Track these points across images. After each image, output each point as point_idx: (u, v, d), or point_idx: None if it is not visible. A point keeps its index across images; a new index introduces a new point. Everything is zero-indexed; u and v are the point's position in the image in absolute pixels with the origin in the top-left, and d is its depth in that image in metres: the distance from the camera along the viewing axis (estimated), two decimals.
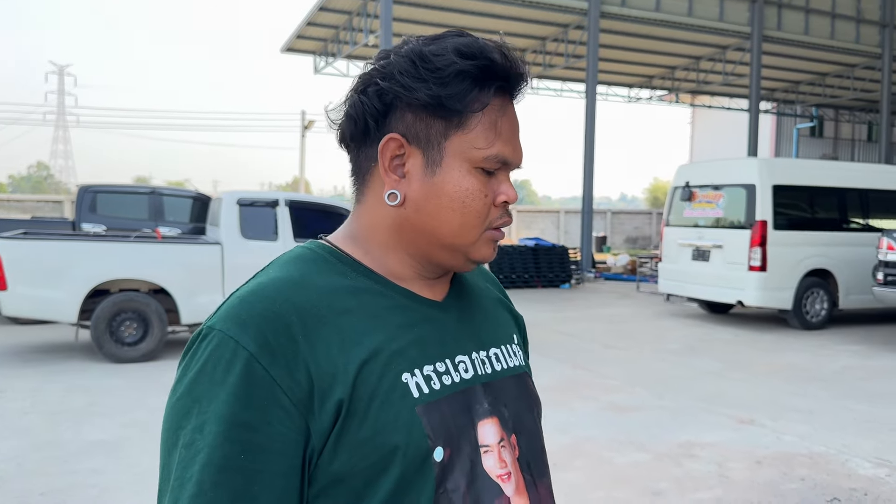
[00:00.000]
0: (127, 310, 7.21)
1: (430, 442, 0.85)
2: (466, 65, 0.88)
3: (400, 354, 0.88)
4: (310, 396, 0.81)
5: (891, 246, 8.78)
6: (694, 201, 11.06)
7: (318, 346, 0.83)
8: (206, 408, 0.80)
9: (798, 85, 26.40)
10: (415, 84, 0.88)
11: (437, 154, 0.90)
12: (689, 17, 18.58)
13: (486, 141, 0.90)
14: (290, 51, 22.44)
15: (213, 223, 8.35)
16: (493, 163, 0.91)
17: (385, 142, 0.90)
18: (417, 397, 0.86)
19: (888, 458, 4.82)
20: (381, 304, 0.91)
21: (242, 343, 0.81)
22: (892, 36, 21.20)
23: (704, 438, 5.15)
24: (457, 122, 0.89)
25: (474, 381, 0.94)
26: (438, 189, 0.90)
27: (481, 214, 0.91)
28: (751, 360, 8.10)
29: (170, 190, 12.27)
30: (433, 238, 0.92)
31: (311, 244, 0.97)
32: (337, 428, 0.82)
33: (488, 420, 0.93)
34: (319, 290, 0.88)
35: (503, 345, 1.03)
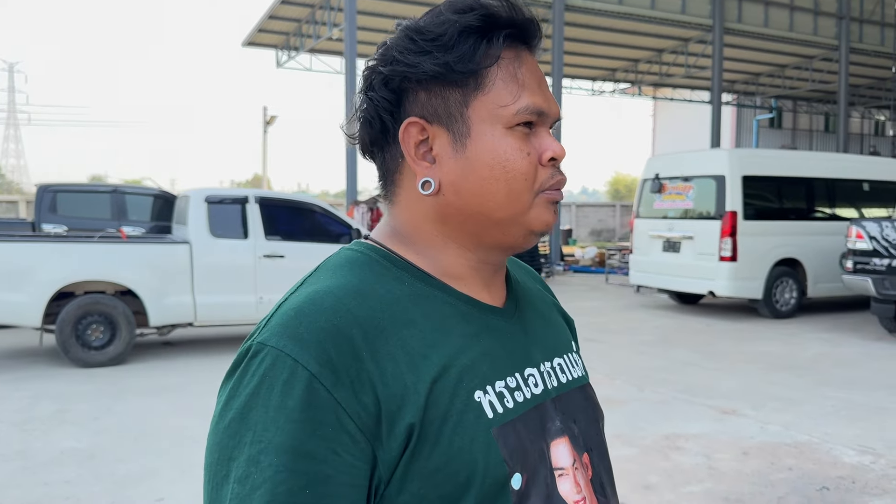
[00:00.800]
0: (93, 312, 6.98)
1: (507, 468, 0.76)
2: (466, 19, 0.80)
3: (470, 370, 0.79)
4: (377, 421, 0.72)
5: (859, 235, 8.90)
6: (664, 193, 11.11)
7: (384, 364, 0.74)
8: (263, 436, 0.70)
9: (758, 77, 26.79)
10: (418, 59, 0.80)
11: (463, 126, 0.81)
12: (652, 9, 18.70)
13: (511, 95, 0.81)
14: (251, 45, 22.09)
15: (179, 222, 8.13)
16: (526, 115, 0.81)
17: (404, 128, 0.82)
18: (492, 418, 0.78)
19: (870, 444, 4.85)
20: (443, 312, 0.82)
21: (302, 362, 0.72)
22: (849, 28, 21.58)
23: (689, 430, 5.14)
24: (473, 85, 0.80)
25: (544, 395, 0.86)
26: (474, 162, 0.81)
27: (528, 176, 0.82)
28: (725, 349, 8.15)
29: (132, 188, 11.97)
30: (482, 217, 0.83)
31: (358, 245, 0.88)
32: (406, 455, 0.73)
33: (561, 440, 0.85)
34: (381, 300, 0.79)
35: (565, 353, 0.95)
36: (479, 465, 0.75)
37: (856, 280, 8.97)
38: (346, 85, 14.45)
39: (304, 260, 7.78)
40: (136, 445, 4.73)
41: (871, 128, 35.48)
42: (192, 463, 4.41)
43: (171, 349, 7.99)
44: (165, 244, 7.51)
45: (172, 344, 8.27)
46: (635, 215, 11.76)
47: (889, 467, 4.44)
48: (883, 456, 4.63)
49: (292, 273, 7.70)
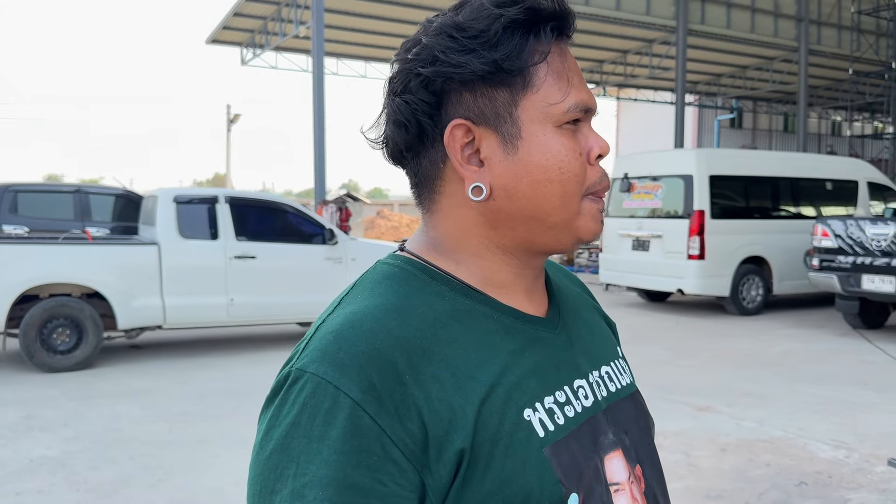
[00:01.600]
0: (59, 316, 6.81)
1: (563, 489, 0.73)
2: (511, 13, 0.75)
3: (518, 387, 0.75)
4: (424, 448, 0.69)
5: (825, 232, 9.07)
6: (633, 192, 11.21)
7: (428, 387, 0.71)
8: (306, 469, 0.67)
9: (720, 77, 27.21)
10: (464, 58, 0.75)
11: (513, 126, 0.77)
12: (616, 10, 18.87)
13: (561, 92, 0.78)
14: (215, 42, 21.79)
15: (147, 222, 7.98)
16: (576, 113, 0.78)
17: (450, 132, 0.77)
18: (543, 436, 0.74)
19: (844, 439, 4.94)
20: (486, 327, 0.78)
21: (344, 389, 0.68)
22: (808, 30, 22.02)
23: (667, 427, 5.18)
24: (521, 84, 0.77)
25: (595, 408, 0.82)
26: (527, 163, 0.77)
27: (581, 176, 0.79)
28: (696, 346, 8.25)
29: (96, 188, 11.72)
30: (535, 221, 0.79)
31: (394, 259, 0.83)
32: (457, 482, 0.70)
33: (614, 453, 0.81)
34: (422, 318, 0.75)
35: (612, 361, 0.91)
36: (534, 488, 0.72)
37: (821, 277, 9.14)
38: (313, 84, 14.32)
39: (276, 260, 7.69)
40: (109, 452, 4.62)
41: (828, 128, 36.27)
42: (166, 469, 4.32)
43: (140, 352, 7.83)
44: (133, 245, 7.36)
45: (141, 347, 8.11)
46: (605, 214, 11.82)
47: (863, 461, 4.52)
48: (856, 450, 4.72)
49: (264, 274, 7.61)
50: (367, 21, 18.94)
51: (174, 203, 7.46)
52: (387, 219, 21.85)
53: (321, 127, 14.07)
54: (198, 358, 7.50)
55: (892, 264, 8.31)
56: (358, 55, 22.81)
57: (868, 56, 23.76)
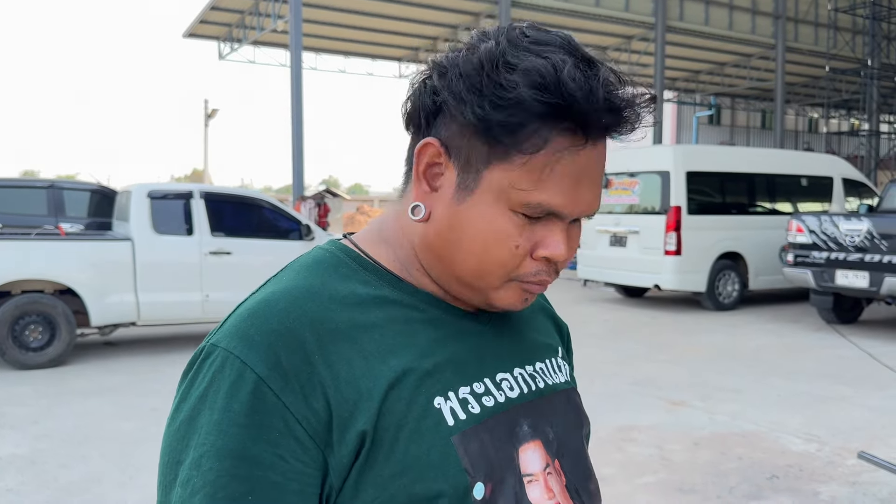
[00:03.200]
0: (31, 312, 6.72)
1: (468, 477, 0.73)
2: (531, 97, 0.70)
3: (431, 375, 0.75)
4: (328, 427, 0.70)
5: (800, 228, 9.16)
6: (610, 188, 11.25)
7: (337, 368, 0.71)
8: (206, 439, 0.68)
9: (698, 74, 27.39)
10: (467, 96, 0.72)
11: (473, 180, 0.74)
12: (596, 7, 18.94)
13: (531, 183, 0.73)
14: (192, 36, 21.61)
15: (121, 218, 7.89)
16: (533, 210, 0.74)
17: (422, 146, 0.76)
18: (452, 425, 0.74)
19: (815, 433, 4.99)
20: (410, 317, 0.78)
21: (250, 364, 0.70)
22: (785, 28, 22.23)
23: (641, 422, 5.20)
24: (502, 152, 0.73)
25: (518, 400, 0.82)
26: (462, 220, 0.75)
27: (505, 265, 0.76)
28: (672, 341, 8.30)
29: (69, 183, 11.59)
30: (450, 269, 0.79)
31: (330, 245, 0.84)
32: (359, 463, 0.70)
33: (531, 444, 0.81)
34: (340, 302, 0.76)
35: (548, 359, 0.92)
36: (438, 475, 0.72)
37: (796, 272, 9.23)
38: (291, 78, 14.23)
39: (252, 256, 7.63)
40: (80, 450, 4.57)
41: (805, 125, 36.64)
42: (138, 467, 4.28)
43: (114, 349, 7.76)
44: (107, 241, 7.28)
45: (115, 344, 8.03)
46: None
47: (833, 454, 4.57)
48: (827, 443, 4.77)
49: (239, 270, 7.55)
50: (347, 15, 18.86)
51: (148, 198, 7.38)
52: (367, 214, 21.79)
53: (299, 122, 14.00)
54: (172, 355, 7.44)
55: (866, 260, 8.41)
56: (337, 50, 22.71)
57: (844, 53, 24.02)
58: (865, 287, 8.45)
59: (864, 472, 4.25)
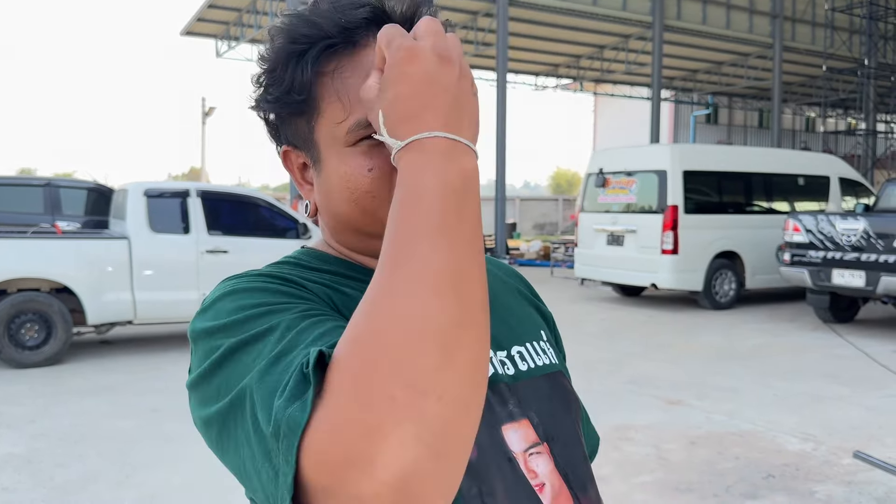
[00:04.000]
0: (27, 311, 6.71)
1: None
2: (290, 47, 0.78)
3: None
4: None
5: (796, 228, 9.16)
6: (608, 187, 11.25)
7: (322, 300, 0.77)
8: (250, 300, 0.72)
9: (695, 73, 27.38)
10: (261, 96, 0.82)
11: (315, 151, 0.80)
12: (594, 6, 18.91)
13: (342, 111, 0.76)
14: (189, 34, 21.57)
15: (117, 216, 7.88)
16: (360, 131, 0.75)
17: (282, 156, 0.85)
18: None
19: (811, 432, 4.99)
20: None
21: (250, 279, 0.76)
22: (783, 27, 22.23)
23: (638, 421, 5.21)
24: (312, 110, 0.78)
25: (495, 380, 0.83)
26: (328, 186, 0.80)
27: (374, 191, 0.76)
28: (668, 340, 8.30)
29: (66, 181, 11.56)
30: (359, 233, 0.82)
31: (295, 252, 0.89)
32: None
33: (513, 424, 0.82)
34: (311, 275, 0.82)
35: (528, 342, 0.93)
36: None
37: (793, 272, 9.24)
38: None
39: (249, 255, 7.62)
40: (76, 449, 4.56)
41: (802, 124, 36.66)
42: (135, 465, 4.28)
43: (110, 348, 7.75)
44: (103, 240, 7.26)
45: (111, 343, 8.02)
46: (580, 209, 11.89)
47: (829, 454, 4.58)
48: (823, 443, 4.77)
49: (236, 269, 7.42)
50: None
51: (145, 197, 7.37)
52: None
53: None
54: (169, 353, 7.43)
55: (862, 259, 8.42)
56: None
57: (841, 53, 24.03)
58: (862, 286, 8.46)
59: (859, 471, 4.26)
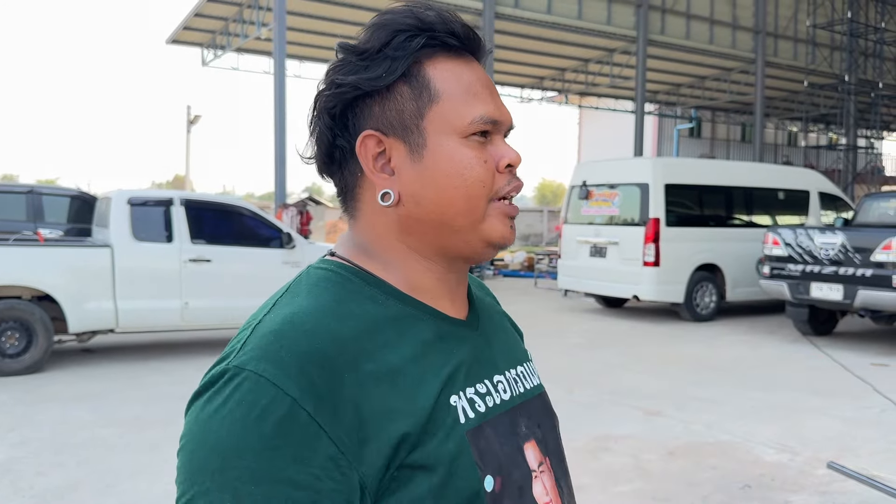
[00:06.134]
0: (8, 319, 6.67)
1: (479, 471, 0.78)
2: (397, 25, 0.82)
3: (448, 379, 0.82)
4: (361, 442, 0.71)
5: (776, 241, 9.28)
6: (591, 199, 11.35)
7: (369, 384, 0.74)
8: (238, 463, 0.68)
9: (679, 87, 27.64)
10: (355, 77, 0.82)
11: (420, 137, 0.82)
12: (578, 20, 19.07)
13: (465, 105, 0.83)
14: (175, 42, 21.54)
15: (100, 224, 7.86)
16: (480, 125, 0.83)
17: (361, 142, 0.83)
18: (464, 422, 0.80)
19: (788, 443, 5.06)
20: (418, 328, 0.83)
21: (283, 387, 0.70)
22: (765, 42, 22.51)
23: (617, 431, 5.26)
24: (427, 97, 0.82)
25: (512, 402, 0.89)
26: (432, 171, 0.82)
27: (485, 182, 0.83)
28: (649, 352, 8.37)
29: (49, 188, 11.51)
30: (442, 226, 0.84)
31: (327, 263, 0.86)
32: (393, 467, 0.73)
33: (530, 443, 0.88)
34: (359, 320, 0.79)
35: (524, 363, 0.99)
36: (453, 468, 0.76)
37: (772, 285, 9.35)
38: (274, 86, 14.24)
39: (232, 264, 7.63)
40: (57, 457, 4.55)
41: (784, 138, 37.06)
42: (116, 473, 4.27)
43: (92, 356, 7.71)
44: (85, 247, 7.25)
45: (93, 351, 7.98)
46: (563, 221, 11.97)
47: (805, 464, 4.64)
48: (800, 454, 4.84)
49: (219, 278, 7.54)
50: (330, 24, 18.88)
51: (128, 205, 7.36)
52: None
53: (282, 130, 13.99)
54: (151, 362, 7.41)
55: (840, 273, 8.54)
56: (322, 58, 22.72)
57: (823, 69, 24.36)
58: (839, 300, 8.57)
59: (834, 481, 4.32)
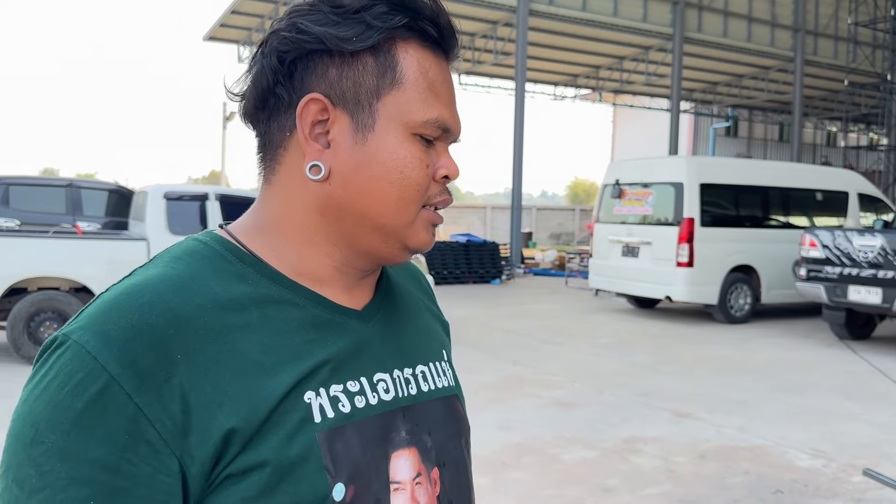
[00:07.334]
0: (46, 309, 6.81)
1: (328, 476, 0.71)
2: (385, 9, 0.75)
3: (308, 374, 0.73)
4: (185, 429, 0.66)
5: (813, 243, 9.12)
6: (624, 198, 11.25)
7: (204, 368, 0.68)
8: (47, 437, 0.63)
9: (715, 86, 27.28)
10: (321, 29, 0.74)
11: (369, 117, 0.76)
12: (614, 17, 18.92)
13: (425, 102, 0.77)
14: (212, 39, 21.81)
15: (137, 218, 8.00)
16: (433, 129, 0.77)
17: (305, 104, 0.75)
18: (319, 422, 0.72)
19: (822, 448, 4.97)
20: (287, 314, 0.75)
21: (102, 361, 0.65)
22: (804, 41, 22.13)
23: (647, 433, 5.21)
24: (390, 78, 0.76)
25: (395, 403, 0.80)
26: (371, 158, 0.75)
27: (421, 187, 0.77)
28: (681, 353, 8.28)
29: (87, 182, 11.73)
30: (364, 219, 0.77)
31: (205, 236, 0.79)
32: (222, 464, 0.67)
33: (404, 451, 0.79)
34: (213, 299, 0.72)
35: (432, 362, 0.89)
36: (296, 471, 0.69)
37: (809, 287, 9.19)
38: None
39: None
40: None
41: (823, 138, 36.41)
42: None
43: None
44: (122, 241, 7.37)
45: None
46: (595, 220, 11.88)
47: (840, 471, 4.56)
48: (834, 459, 4.75)
49: None
50: None
51: (164, 199, 7.48)
52: None
53: None
54: None
55: (879, 276, 8.37)
56: None
57: (864, 68, 23.89)
58: (878, 303, 8.40)
59: (869, 489, 4.24)
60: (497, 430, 5.20)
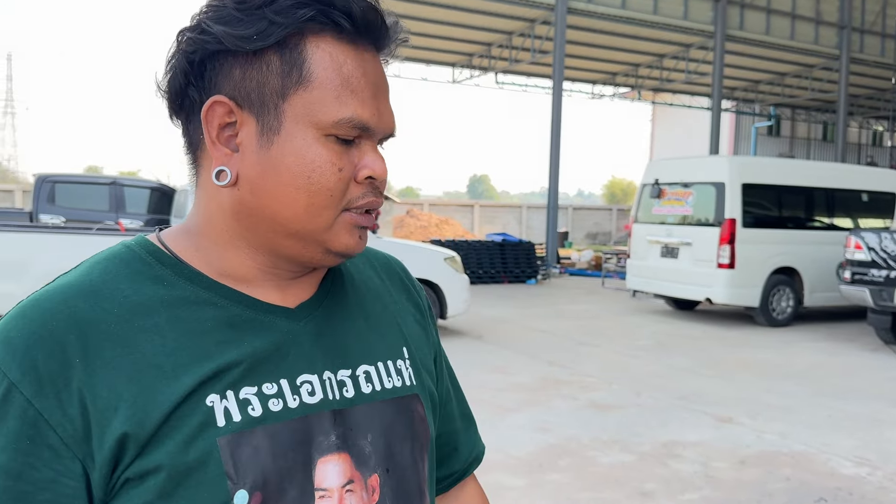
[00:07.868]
0: None
1: (229, 483, 0.69)
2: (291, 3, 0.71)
3: (212, 376, 0.71)
4: (86, 434, 0.66)
5: (858, 245, 8.91)
6: (663, 198, 11.12)
7: (101, 372, 0.67)
8: None
9: (757, 84, 26.84)
10: (221, 28, 0.71)
11: (275, 120, 0.72)
12: (654, 14, 18.71)
13: (338, 100, 0.72)
14: None
15: (178, 215, 8.12)
16: (347, 128, 0.73)
17: (209, 106, 0.72)
18: (223, 426, 0.70)
19: (867, 456, 4.85)
20: (202, 315, 0.73)
21: (4, 368, 0.66)
22: (850, 38, 21.65)
23: (687, 437, 5.13)
24: (296, 77, 0.72)
25: (321, 406, 0.76)
26: (277, 163, 0.72)
27: (334, 192, 0.73)
28: (721, 356, 8.15)
29: (130, 180, 11.94)
30: (275, 225, 0.74)
31: (134, 240, 0.78)
32: (119, 469, 0.67)
33: (332, 456, 0.75)
34: (120, 303, 0.71)
35: (382, 361, 0.84)
36: (194, 477, 0.68)
37: (853, 290, 8.98)
38: None
39: None
40: None
41: (868, 138, 35.62)
42: None
43: None
44: None
45: None
46: (634, 220, 11.76)
47: (886, 480, 4.44)
48: (880, 468, 4.64)
49: None
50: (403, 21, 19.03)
51: None
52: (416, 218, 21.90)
53: None
54: None
55: None
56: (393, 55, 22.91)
57: None
58: None
59: None
60: (533, 431, 5.17)
